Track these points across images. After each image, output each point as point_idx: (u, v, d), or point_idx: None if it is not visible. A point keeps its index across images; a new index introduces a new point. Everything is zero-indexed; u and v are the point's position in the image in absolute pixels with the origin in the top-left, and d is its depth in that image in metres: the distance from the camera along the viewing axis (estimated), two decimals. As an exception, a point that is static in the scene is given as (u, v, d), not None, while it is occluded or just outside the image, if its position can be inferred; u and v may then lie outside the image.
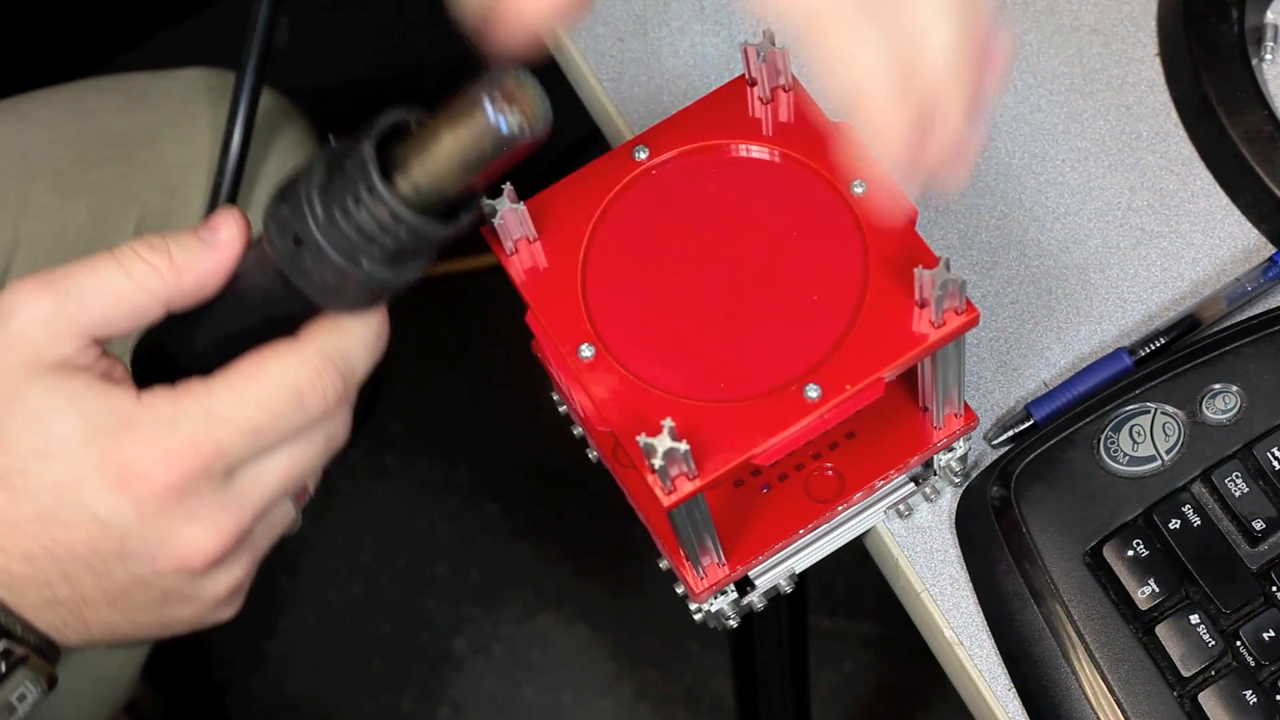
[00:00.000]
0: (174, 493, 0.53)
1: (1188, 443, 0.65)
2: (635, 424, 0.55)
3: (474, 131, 0.48)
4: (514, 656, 1.51)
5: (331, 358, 0.54)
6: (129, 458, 0.52)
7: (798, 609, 1.11)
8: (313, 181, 0.51)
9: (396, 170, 0.50)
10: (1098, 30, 0.78)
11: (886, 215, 0.58)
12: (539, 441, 1.56)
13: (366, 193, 0.49)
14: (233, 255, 0.54)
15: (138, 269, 0.54)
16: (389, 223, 0.50)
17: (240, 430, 0.53)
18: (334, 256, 0.51)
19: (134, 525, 0.53)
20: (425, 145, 0.49)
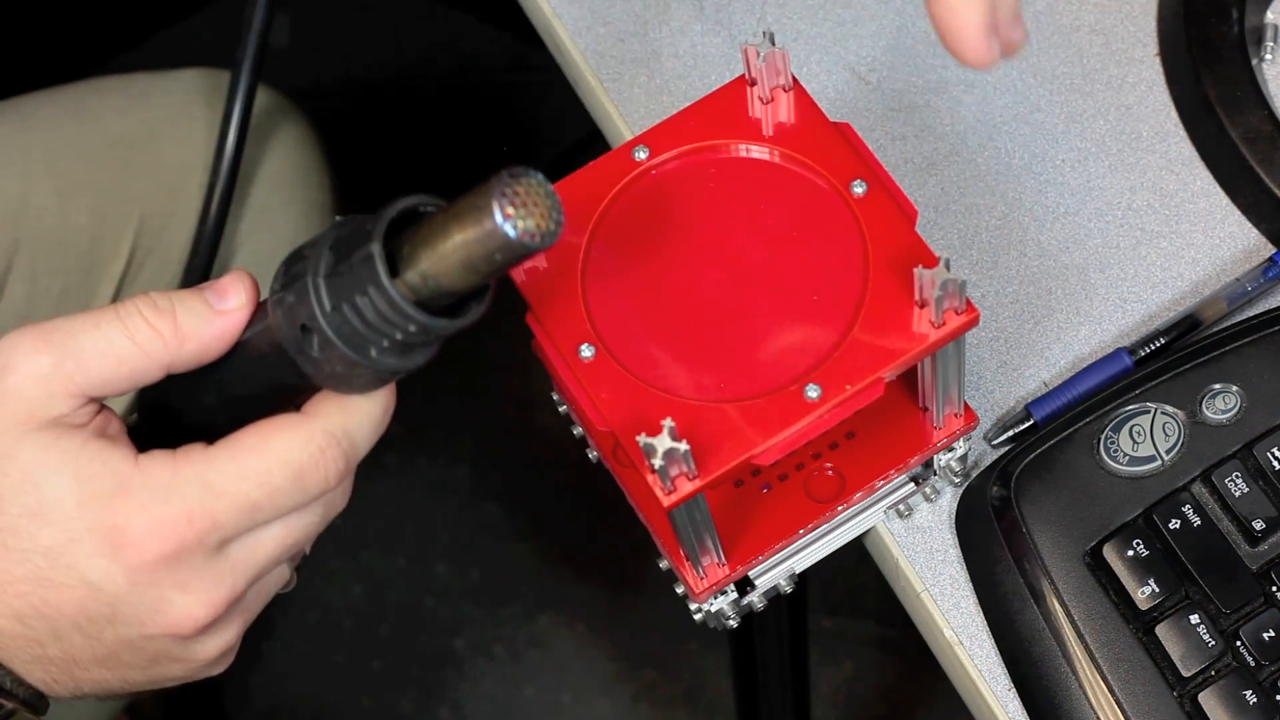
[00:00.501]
0: (166, 562, 0.52)
1: (1188, 443, 0.65)
2: (635, 424, 0.55)
3: (481, 236, 0.47)
4: (514, 656, 1.52)
5: (336, 437, 0.53)
6: (122, 524, 0.52)
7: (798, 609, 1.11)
8: (319, 270, 0.50)
9: (404, 263, 0.49)
10: (1098, 30, 0.78)
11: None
12: (539, 441, 1.56)
13: (374, 289, 0.48)
14: (239, 323, 0.53)
15: (141, 332, 0.53)
16: (398, 320, 0.49)
17: (237, 505, 0.52)
18: (342, 348, 0.50)
19: (125, 591, 0.52)
20: (432, 243, 0.48)
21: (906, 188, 0.75)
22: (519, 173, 0.47)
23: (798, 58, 0.78)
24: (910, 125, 0.77)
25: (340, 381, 0.52)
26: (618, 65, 0.80)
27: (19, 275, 0.93)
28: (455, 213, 0.48)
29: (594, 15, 0.81)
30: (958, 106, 0.77)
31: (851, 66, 0.78)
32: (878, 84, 0.78)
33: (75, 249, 0.95)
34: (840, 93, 0.78)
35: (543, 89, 1.65)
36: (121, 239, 0.96)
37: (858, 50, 0.79)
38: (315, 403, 0.53)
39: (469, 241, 0.47)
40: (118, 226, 0.96)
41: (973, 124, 0.76)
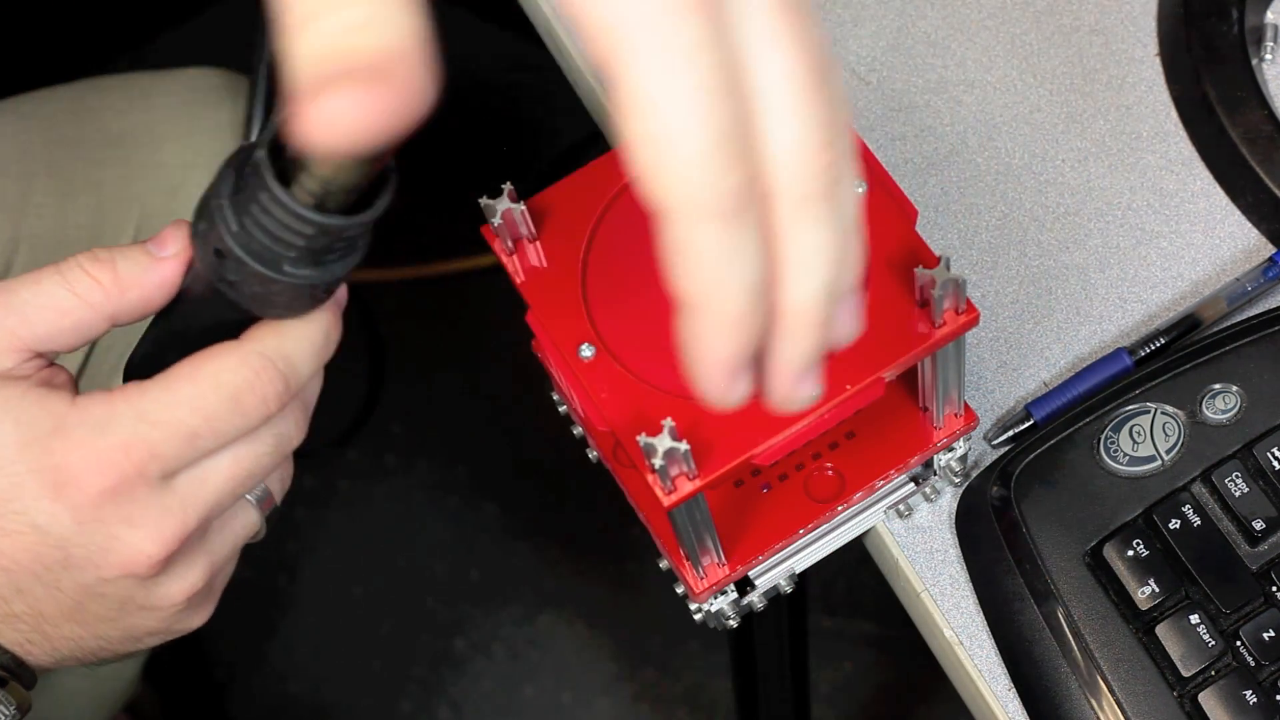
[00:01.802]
0: (109, 497, 0.52)
1: (1188, 443, 0.65)
2: (635, 424, 0.55)
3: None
4: (514, 656, 1.52)
5: (271, 358, 0.53)
6: (61, 462, 0.52)
7: (798, 609, 1.11)
8: (223, 191, 0.49)
9: (296, 168, 0.48)
10: (1098, 30, 0.78)
11: None
12: (539, 441, 1.56)
13: (268, 198, 0.48)
14: (178, 269, 0.53)
15: (81, 283, 0.53)
16: (296, 224, 0.48)
17: (174, 432, 0.52)
18: (254, 265, 0.49)
19: (73, 532, 0.52)
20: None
21: (906, 188, 0.75)
22: None
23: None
24: (910, 125, 0.77)
25: (266, 304, 0.51)
26: (618, 65, 0.80)
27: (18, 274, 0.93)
28: None
29: (594, 15, 0.81)
30: (958, 106, 0.77)
31: (851, 66, 0.78)
32: (878, 84, 0.78)
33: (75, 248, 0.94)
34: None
35: (543, 89, 1.65)
36: (121, 238, 0.96)
37: (858, 50, 0.79)
38: (251, 329, 0.53)
39: None
40: (118, 226, 0.96)
41: (973, 124, 0.76)
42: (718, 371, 0.42)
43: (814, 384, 0.45)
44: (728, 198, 0.39)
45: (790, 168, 0.41)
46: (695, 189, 0.39)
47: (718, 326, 0.41)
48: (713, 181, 0.39)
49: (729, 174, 0.39)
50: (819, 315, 0.43)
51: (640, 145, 0.39)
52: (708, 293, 0.41)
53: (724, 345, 0.42)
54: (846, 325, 0.45)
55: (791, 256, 0.42)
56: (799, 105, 0.41)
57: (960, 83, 0.77)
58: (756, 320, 0.42)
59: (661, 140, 0.39)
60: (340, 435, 1.59)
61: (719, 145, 0.39)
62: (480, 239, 0.59)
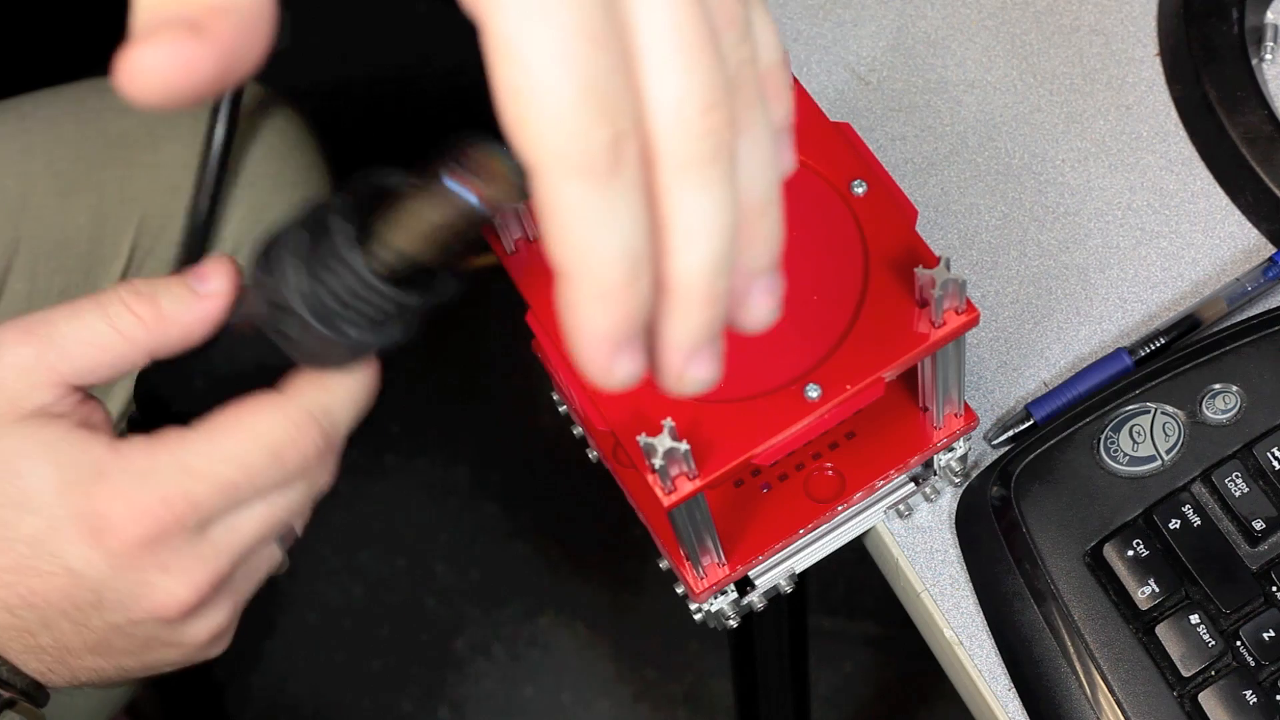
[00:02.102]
0: (146, 545, 0.52)
1: (1188, 443, 0.65)
2: (635, 424, 0.55)
3: (441, 208, 0.47)
4: (514, 656, 1.52)
5: (314, 414, 0.53)
6: (101, 509, 0.52)
7: (798, 609, 1.11)
8: (291, 247, 0.50)
9: (375, 239, 0.49)
10: (1098, 30, 0.78)
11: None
12: (539, 441, 1.56)
13: (344, 267, 0.49)
14: (221, 307, 0.53)
15: (122, 318, 0.53)
16: (367, 294, 0.49)
17: (214, 485, 0.52)
18: (316, 325, 0.50)
19: (108, 577, 0.52)
20: (397, 218, 0.48)
21: (906, 188, 0.75)
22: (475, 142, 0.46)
23: (798, 58, 0.78)
24: (910, 125, 0.77)
25: (318, 359, 0.52)
26: (618, 65, 0.80)
27: (19, 274, 0.93)
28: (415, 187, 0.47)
29: (594, 15, 0.81)
30: (958, 106, 0.77)
31: (851, 66, 0.78)
32: (878, 84, 0.78)
33: (75, 248, 0.95)
34: (840, 93, 0.78)
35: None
36: (121, 238, 0.96)
37: (858, 50, 0.79)
38: (293, 383, 0.53)
39: (429, 214, 0.47)
40: (118, 226, 0.96)
41: (973, 124, 0.76)
42: (596, 347, 0.39)
43: (708, 365, 0.41)
44: (599, 153, 0.36)
45: (671, 128, 0.38)
46: (562, 142, 0.36)
47: (592, 296, 0.38)
48: (581, 134, 0.36)
49: (599, 127, 0.36)
50: (707, 289, 0.40)
51: (506, 95, 0.37)
52: (581, 258, 0.38)
53: (601, 317, 0.38)
54: (760, 307, 0.42)
55: (675, 224, 0.39)
56: (681, 60, 0.38)
57: (960, 83, 0.77)
58: (638, 292, 0.38)
59: (526, 89, 0.36)
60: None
61: (587, 96, 0.36)
62: (480, 239, 0.59)
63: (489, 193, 0.46)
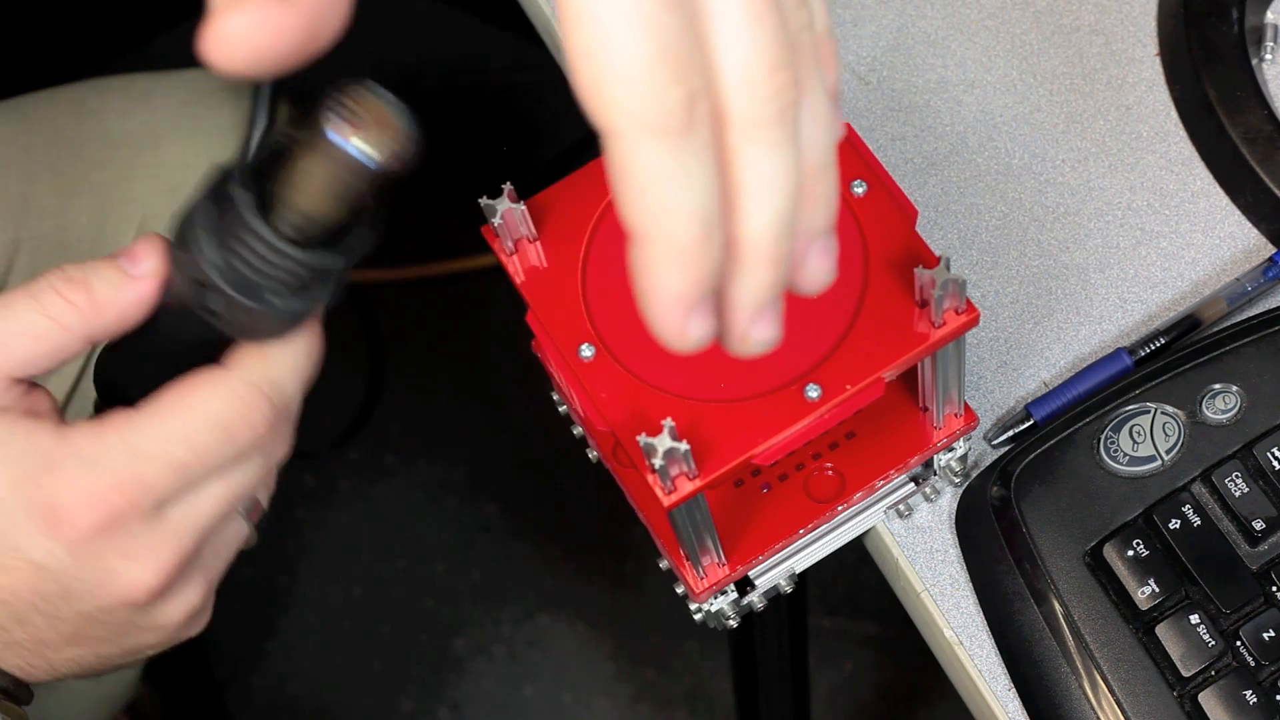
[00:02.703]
0: (103, 532, 0.52)
1: (1188, 443, 0.65)
2: (635, 424, 0.55)
3: (324, 160, 0.45)
4: (514, 656, 1.52)
5: (259, 386, 0.52)
6: (54, 499, 0.51)
7: (798, 609, 1.11)
8: (199, 222, 0.48)
9: (276, 204, 0.47)
10: (1098, 30, 0.78)
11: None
12: (539, 441, 1.56)
13: (250, 234, 0.47)
14: (154, 287, 0.53)
15: (55, 306, 0.52)
16: (279, 260, 0.48)
17: (165, 465, 0.52)
18: (239, 298, 0.49)
19: (70, 566, 0.52)
20: (291, 179, 0.46)
21: (906, 188, 0.75)
22: (356, 88, 0.44)
23: (798, 58, 0.78)
24: (910, 125, 0.77)
25: (250, 331, 0.51)
26: (618, 65, 0.80)
27: (19, 275, 0.93)
28: (300, 142, 0.46)
29: (594, 15, 0.81)
30: (958, 106, 0.77)
31: (851, 66, 0.78)
32: (878, 84, 0.78)
33: (76, 249, 0.95)
34: (840, 93, 0.78)
35: (543, 89, 1.65)
36: (122, 239, 0.96)
37: (858, 50, 0.79)
38: (235, 356, 0.53)
39: (319, 172, 0.45)
40: (118, 227, 0.96)
41: (973, 124, 0.77)
42: (670, 308, 0.39)
43: (770, 326, 0.42)
44: (671, 114, 0.37)
45: (739, 88, 0.38)
46: (637, 103, 0.37)
47: (668, 257, 0.38)
48: (655, 95, 0.37)
49: (672, 88, 0.37)
50: (774, 249, 0.40)
51: (580, 59, 0.37)
52: (655, 219, 0.38)
53: (676, 278, 0.39)
54: (818, 269, 0.42)
55: (744, 183, 0.39)
56: (748, 22, 0.38)
57: (960, 83, 0.77)
58: (711, 253, 0.39)
59: (601, 51, 0.37)
60: (340, 435, 1.59)
61: (661, 57, 0.37)
62: (480, 239, 0.59)
63: (376, 142, 0.44)
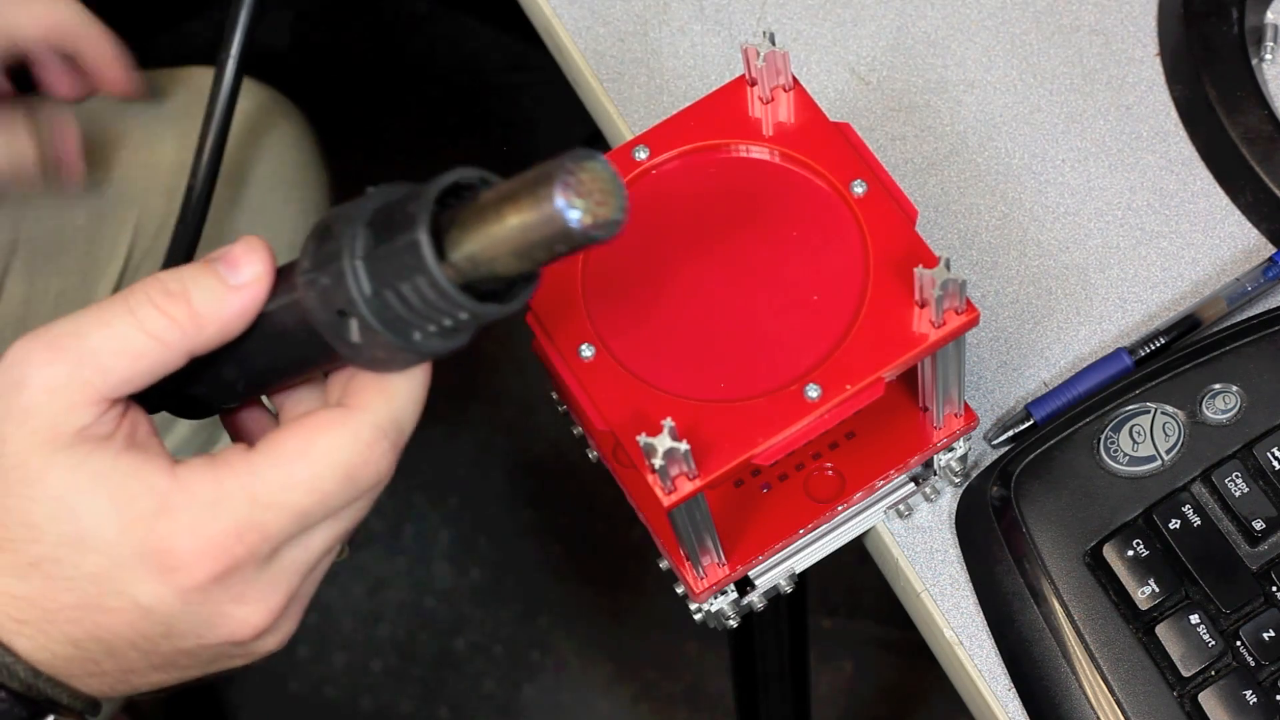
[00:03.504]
0: (219, 580, 0.50)
1: (1188, 443, 0.65)
2: (635, 424, 0.55)
3: (540, 224, 0.43)
4: (514, 656, 1.52)
5: (384, 430, 0.51)
6: (169, 546, 0.49)
7: (798, 609, 1.11)
8: (355, 251, 0.46)
9: (450, 245, 0.45)
10: (1098, 30, 0.78)
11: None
12: (539, 441, 1.56)
13: (421, 277, 0.45)
14: (258, 295, 0.50)
15: (155, 322, 0.49)
16: (445, 307, 0.46)
17: (287, 515, 0.50)
18: (385, 334, 0.47)
19: (179, 611, 0.50)
20: (484, 227, 0.44)
21: (906, 188, 0.75)
22: (583, 156, 0.43)
23: (798, 58, 0.78)
24: (910, 125, 0.77)
25: (380, 365, 0.49)
26: (618, 65, 0.80)
27: (17, 276, 0.93)
28: (512, 196, 0.44)
29: (594, 15, 0.81)
30: (958, 106, 0.77)
31: (851, 66, 0.78)
32: (878, 84, 0.78)
33: (73, 250, 0.95)
34: (840, 93, 0.78)
35: (543, 89, 1.65)
36: (119, 240, 0.96)
37: (858, 50, 0.79)
38: (356, 393, 0.51)
39: (527, 228, 0.44)
40: (116, 227, 0.96)
41: (973, 124, 0.76)
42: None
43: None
44: None
45: None
46: None
47: None
48: None
49: None
50: None
51: None
52: None
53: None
54: None
55: None
56: None
57: (960, 83, 0.77)
58: None
59: None
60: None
61: None
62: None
63: (597, 216, 0.43)
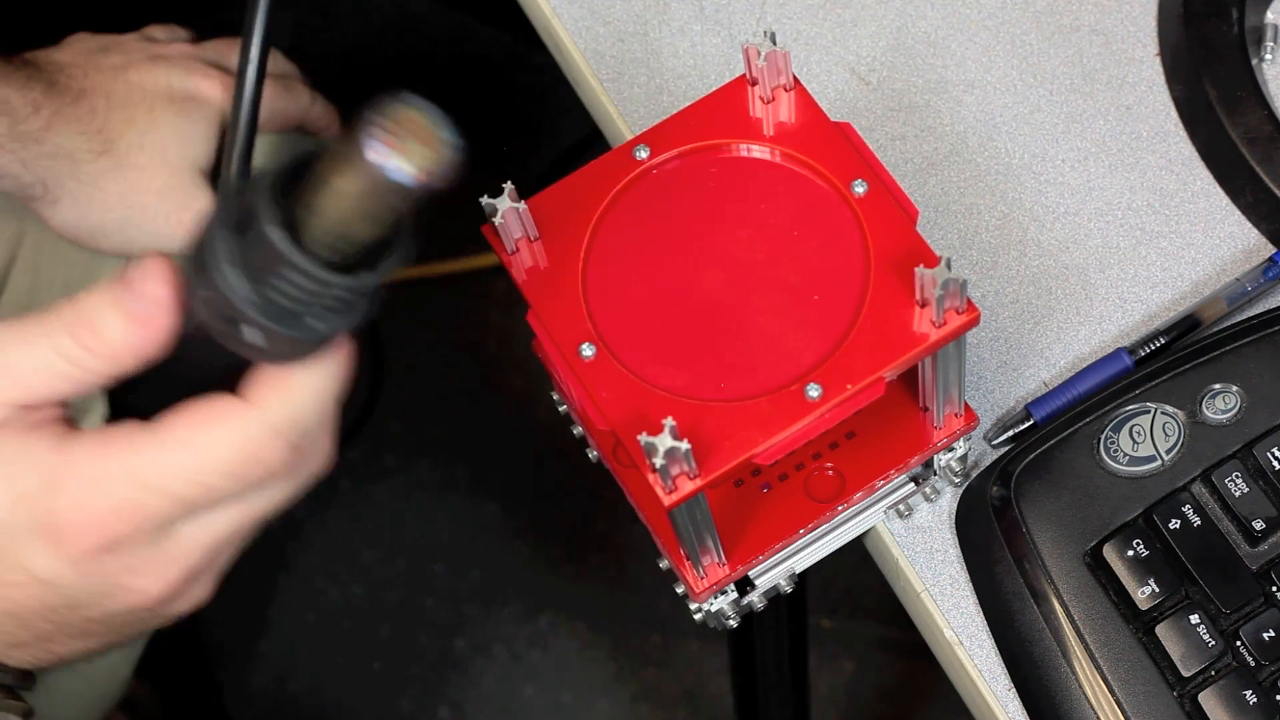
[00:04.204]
0: (106, 552, 0.51)
1: (1188, 443, 0.65)
2: (636, 423, 0.55)
3: (366, 183, 0.42)
4: (514, 656, 1.52)
5: (276, 428, 0.51)
6: (56, 520, 0.51)
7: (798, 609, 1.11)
8: (223, 256, 0.46)
9: (304, 227, 0.44)
10: (1098, 30, 0.78)
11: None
12: (539, 441, 1.56)
13: (288, 268, 0.45)
14: (166, 316, 0.51)
15: (72, 351, 0.51)
16: (319, 289, 0.45)
17: (166, 499, 0.51)
18: (276, 328, 0.47)
19: (76, 582, 0.52)
20: (320, 198, 0.43)
21: (906, 188, 0.75)
22: (390, 102, 0.42)
23: (798, 58, 0.78)
24: (910, 125, 0.77)
25: (284, 357, 0.49)
26: (618, 65, 0.80)
27: (21, 268, 0.93)
28: (334, 164, 0.43)
29: (594, 15, 0.81)
30: (958, 106, 0.77)
31: (851, 66, 0.78)
32: (878, 84, 0.78)
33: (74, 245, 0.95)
34: (840, 93, 0.78)
35: (543, 89, 1.65)
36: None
37: (858, 50, 0.79)
38: (255, 387, 0.51)
39: (359, 194, 0.43)
40: (116, 225, 0.96)
41: (973, 124, 0.77)
42: None
43: None
44: None
45: None
46: None
47: None
48: None
49: None
50: None
51: None
52: None
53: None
54: None
55: None
56: None
57: (960, 83, 0.77)
58: None
59: None
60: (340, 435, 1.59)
61: None
62: (480, 239, 0.59)
63: (420, 161, 0.41)
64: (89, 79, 0.83)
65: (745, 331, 0.57)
